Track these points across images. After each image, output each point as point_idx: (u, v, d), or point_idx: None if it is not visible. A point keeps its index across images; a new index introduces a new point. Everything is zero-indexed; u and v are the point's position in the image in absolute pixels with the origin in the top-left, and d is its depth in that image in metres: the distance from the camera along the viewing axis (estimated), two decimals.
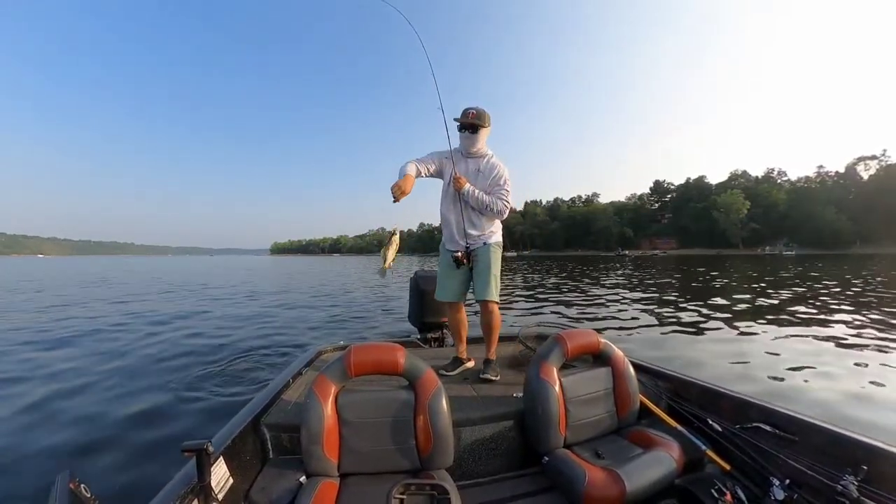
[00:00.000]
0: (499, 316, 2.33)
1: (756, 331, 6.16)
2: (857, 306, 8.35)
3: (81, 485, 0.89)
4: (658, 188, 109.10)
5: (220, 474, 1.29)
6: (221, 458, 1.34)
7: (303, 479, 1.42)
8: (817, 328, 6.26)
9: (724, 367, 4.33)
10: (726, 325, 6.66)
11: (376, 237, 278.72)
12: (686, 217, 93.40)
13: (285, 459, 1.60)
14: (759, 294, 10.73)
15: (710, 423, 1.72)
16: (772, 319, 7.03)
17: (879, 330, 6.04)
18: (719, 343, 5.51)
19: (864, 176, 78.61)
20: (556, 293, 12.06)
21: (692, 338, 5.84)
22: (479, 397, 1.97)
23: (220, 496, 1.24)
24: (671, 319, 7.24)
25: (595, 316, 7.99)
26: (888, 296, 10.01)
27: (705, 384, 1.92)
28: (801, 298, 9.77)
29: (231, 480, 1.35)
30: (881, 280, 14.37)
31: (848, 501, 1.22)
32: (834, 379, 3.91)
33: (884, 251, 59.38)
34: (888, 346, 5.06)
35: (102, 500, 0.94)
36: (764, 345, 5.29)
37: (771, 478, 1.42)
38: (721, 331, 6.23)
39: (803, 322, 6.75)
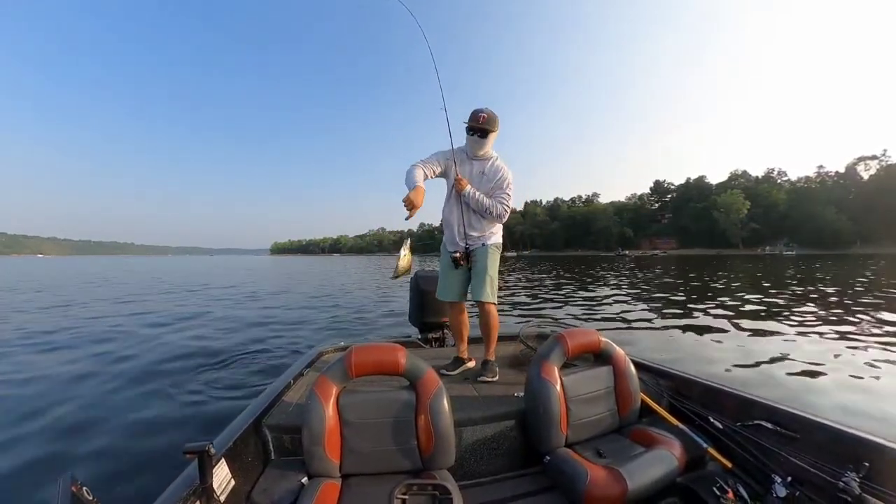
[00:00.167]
0: (496, 316, 2.31)
1: (756, 329, 6.15)
2: (862, 306, 8.34)
3: (83, 487, 0.89)
4: (658, 188, 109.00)
5: (221, 476, 1.29)
6: (223, 459, 1.33)
7: (304, 480, 1.42)
8: (823, 327, 6.25)
9: (729, 367, 4.32)
10: (728, 323, 6.65)
11: (376, 237, 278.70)
12: (686, 217, 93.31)
13: (287, 461, 1.59)
14: (759, 294, 10.72)
15: (712, 420, 1.73)
16: (772, 319, 7.02)
17: (881, 330, 6.04)
18: (720, 343, 5.49)
19: (865, 176, 78.57)
20: (557, 293, 12.06)
21: (693, 337, 5.83)
22: (481, 397, 1.97)
23: (222, 498, 1.24)
24: (672, 319, 7.24)
25: (595, 315, 7.99)
26: (891, 296, 10.00)
27: (706, 382, 1.92)
28: (803, 297, 9.77)
29: (233, 482, 1.34)
30: (884, 281, 14.34)
31: (850, 498, 1.22)
32: (838, 377, 3.90)
33: (884, 251, 59.32)
34: (889, 347, 5.06)
35: (104, 502, 0.94)
36: (768, 344, 5.29)
37: (773, 475, 1.42)
38: (725, 332, 6.21)
39: (807, 322, 6.74)
